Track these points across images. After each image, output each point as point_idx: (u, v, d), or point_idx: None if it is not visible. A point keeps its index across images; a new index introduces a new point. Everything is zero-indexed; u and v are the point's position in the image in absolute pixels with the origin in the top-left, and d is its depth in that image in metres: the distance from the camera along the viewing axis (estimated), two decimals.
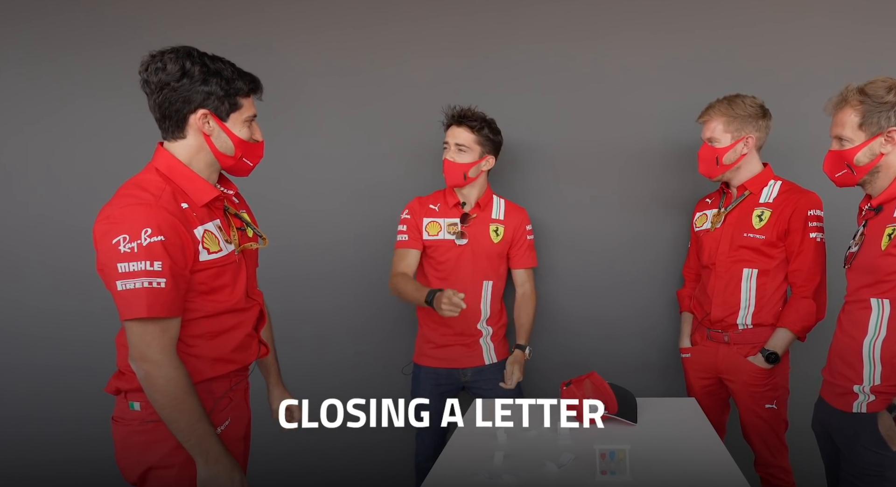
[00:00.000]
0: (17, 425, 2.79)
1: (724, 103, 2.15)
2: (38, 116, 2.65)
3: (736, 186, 2.24)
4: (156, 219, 1.38)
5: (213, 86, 1.45)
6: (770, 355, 2.12)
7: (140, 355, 1.39)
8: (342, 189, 2.65)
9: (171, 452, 1.45)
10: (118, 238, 1.35)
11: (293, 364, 2.68)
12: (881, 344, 1.67)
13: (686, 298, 2.44)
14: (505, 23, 2.56)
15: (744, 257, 2.18)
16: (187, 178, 1.49)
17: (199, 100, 1.45)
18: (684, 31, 2.52)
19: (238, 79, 1.50)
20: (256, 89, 1.56)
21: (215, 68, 1.46)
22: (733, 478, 1.51)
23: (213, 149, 1.51)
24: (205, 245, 1.47)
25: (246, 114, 1.53)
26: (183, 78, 1.43)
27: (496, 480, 1.54)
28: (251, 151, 1.58)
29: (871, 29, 2.47)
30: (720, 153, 2.15)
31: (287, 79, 2.59)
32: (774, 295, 2.18)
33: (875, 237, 1.69)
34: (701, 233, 2.32)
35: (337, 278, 2.68)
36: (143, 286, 1.35)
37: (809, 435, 1.95)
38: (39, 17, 2.61)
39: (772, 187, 2.20)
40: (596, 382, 1.92)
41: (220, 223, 1.54)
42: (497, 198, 2.41)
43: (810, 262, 2.13)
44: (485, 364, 2.35)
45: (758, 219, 2.18)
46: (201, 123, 1.48)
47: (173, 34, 2.58)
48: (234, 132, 1.51)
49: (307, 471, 2.74)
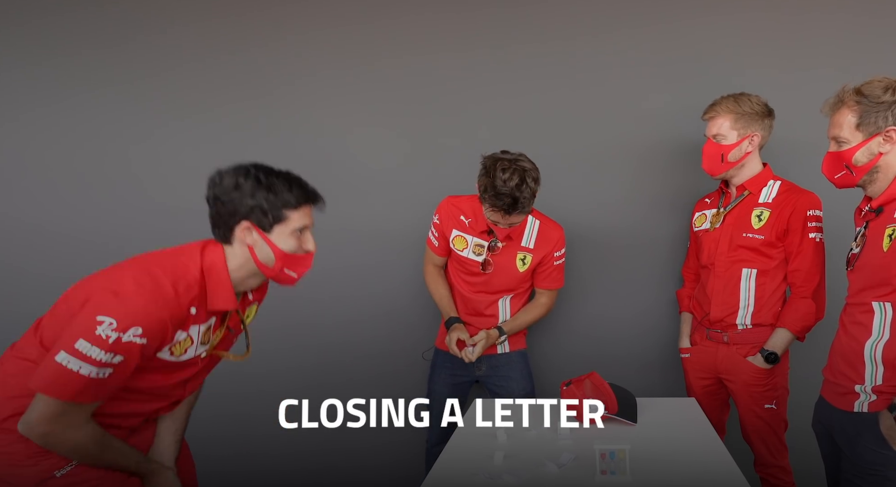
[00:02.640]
0: None
1: (731, 100, 2.14)
2: (37, 116, 2.64)
3: (736, 186, 2.24)
4: (155, 323, 1.35)
5: (260, 199, 1.46)
6: (769, 355, 2.13)
7: (43, 430, 1.35)
8: (343, 189, 2.64)
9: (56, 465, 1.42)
10: (105, 318, 1.31)
11: (294, 365, 2.70)
12: (883, 347, 1.67)
13: (685, 298, 2.44)
14: (505, 21, 2.56)
15: (743, 257, 2.18)
16: (219, 283, 1.49)
17: (244, 213, 1.46)
18: (685, 30, 2.52)
19: (288, 191, 1.49)
20: (309, 201, 1.55)
21: (267, 183, 1.47)
22: (733, 478, 1.51)
23: (255, 259, 1.51)
24: (172, 349, 1.45)
25: (293, 225, 1.51)
26: (234, 191, 1.45)
27: (496, 480, 1.54)
28: (293, 262, 1.56)
29: (872, 26, 2.47)
30: (726, 150, 2.15)
31: (287, 79, 2.60)
32: (774, 296, 2.18)
33: (876, 238, 1.69)
34: (700, 232, 2.32)
35: (339, 280, 2.67)
36: (87, 375, 1.30)
37: (809, 436, 1.94)
38: (40, 17, 2.61)
39: (771, 187, 2.20)
40: (596, 382, 1.92)
41: (213, 323, 1.53)
42: (532, 218, 2.29)
43: (809, 262, 2.13)
44: (497, 352, 2.35)
45: (757, 219, 2.18)
46: (244, 235, 1.48)
47: (173, 34, 2.61)
48: (277, 244, 1.50)
49: (310, 472, 2.74)
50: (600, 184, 2.60)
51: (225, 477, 2.60)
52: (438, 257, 2.37)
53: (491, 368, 2.36)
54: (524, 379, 2.35)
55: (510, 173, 2.00)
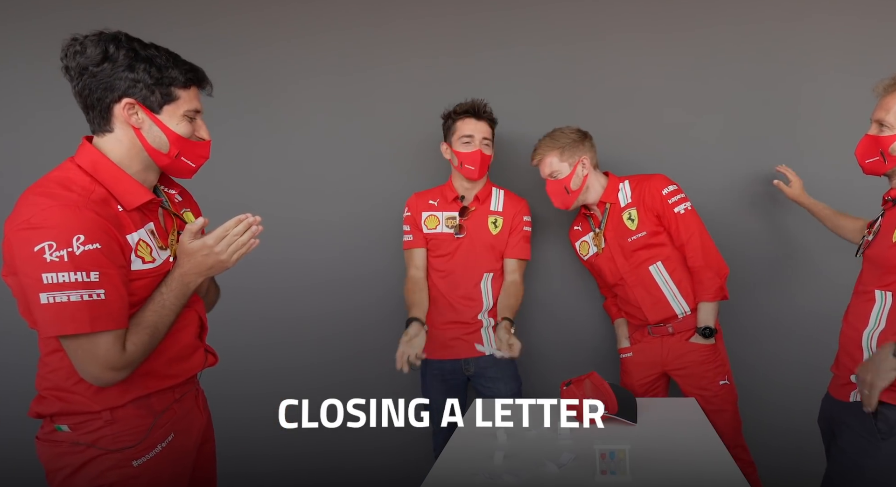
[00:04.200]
0: (18, 425, 2.78)
1: (547, 140, 2.27)
2: (36, 117, 2.65)
3: (595, 205, 2.32)
4: (88, 223, 1.23)
5: (141, 73, 1.30)
6: (704, 330, 2.19)
7: (95, 373, 1.28)
8: (342, 190, 2.65)
9: (105, 472, 1.36)
10: (42, 245, 1.19)
11: (296, 365, 2.70)
12: (878, 337, 1.67)
13: (613, 307, 2.48)
14: (505, 20, 2.56)
15: (642, 258, 2.25)
16: (116, 178, 1.34)
17: (124, 88, 1.30)
18: (687, 29, 2.52)
19: (173, 67, 1.34)
20: (198, 81, 1.39)
21: (146, 54, 1.31)
22: (733, 478, 1.51)
23: (146, 144, 1.36)
24: (138, 253, 1.34)
25: (185, 107, 1.37)
26: (104, 62, 1.29)
27: (496, 480, 1.54)
28: (191, 150, 1.41)
29: (875, 25, 2.47)
30: (566, 182, 2.26)
31: (287, 78, 2.60)
32: (688, 274, 2.24)
33: (888, 229, 1.69)
34: (591, 259, 2.38)
35: (339, 280, 2.68)
36: (79, 299, 1.22)
37: (808, 434, 1.94)
38: (40, 17, 2.61)
39: (624, 189, 2.29)
40: (596, 382, 1.92)
41: (153, 227, 1.41)
42: (496, 189, 2.43)
43: (687, 233, 2.21)
44: (485, 354, 2.35)
45: (630, 222, 2.26)
46: (127, 114, 1.33)
47: (173, 34, 2.60)
48: (169, 126, 1.36)
49: (310, 471, 2.74)
50: None
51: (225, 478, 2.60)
52: (418, 253, 2.37)
53: (478, 369, 2.36)
54: (511, 381, 2.36)
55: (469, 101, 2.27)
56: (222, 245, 1.40)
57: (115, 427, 1.37)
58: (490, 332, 2.35)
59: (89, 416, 1.36)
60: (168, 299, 1.38)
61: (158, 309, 1.37)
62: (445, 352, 2.37)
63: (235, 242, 1.40)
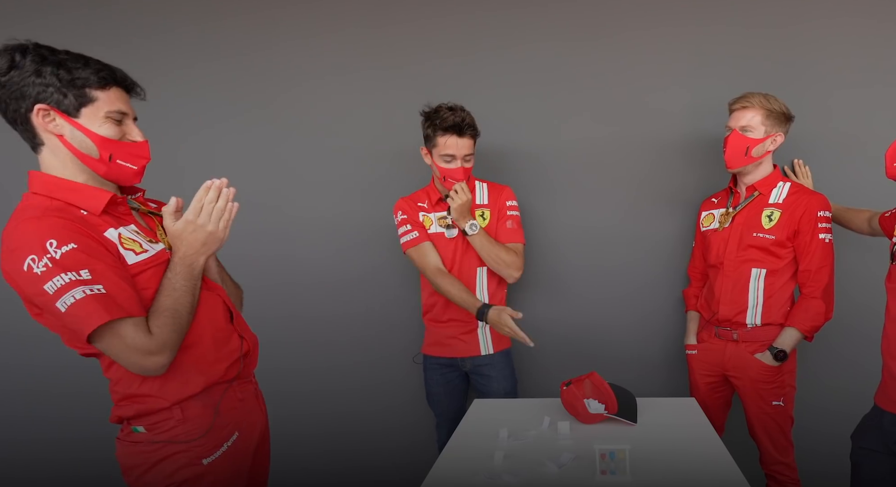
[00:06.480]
0: (17, 425, 2.79)
1: (762, 97, 2.13)
2: None
3: (746, 186, 2.25)
4: (54, 228, 1.24)
5: (49, 77, 1.27)
6: (778, 353, 2.13)
7: (135, 360, 1.30)
8: (343, 190, 2.65)
9: (180, 469, 1.41)
10: (27, 262, 1.21)
11: (296, 366, 2.70)
12: None
13: (692, 297, 2.44)
14: (505, 20, 2.56)
15: (752, 257, 2.19)
16: (69, 189, 1.33)
17: (34, 94, 1.27)
18: (691, 27, 2.52)
19: (84, 68, 1.30)
20: (116, 81, 1.34)
21: (54, 59, 1.28)
22: (733, 478, 1.51)
23: (73, 149, 1.32)
24: (126, 247, 1.34)
25: (105, 108, 1.32)
26: (11, 71, 1.26)
27: (496, 480, 1.54)
28: (125, 150, 1.36)
29: (879, 26, 2.47)
30: (752, 144, 2.14)
31: (286, 78, 2.59)
32: (782, 295, 2.19)
33: None
34: (708, 232, 2.32)
35: (339, 278, 2.68)
36: (85, 295, 1.22)
37: (815, 435, 1.93)
38: (41, 16, 2.61)
39: (781, 188, 2.21)
40: (596, 382, 1.92)
41: (135, 227, 1.41)
42: (479, 183, 2.38)
43: (819, 262, 2.13)
44: (481, 354, 2.35)
45: (767, 220, 2.18)
46: (44, 121, 1.30)
47: (173, 34, 2.61)
48: (91, 128, 1.31)
49: (310, 471, 2.74)
50: (604, 182, 2.60)
51: None
52: (428, 246, 2.31)
53: (474, 367, 2.36)
54: (505, 380, 2.35)
55: (449, 106, 2.18)
56: (203, 216, 1.42)
57: (186, 425, 1.42)
58: (487, 333, 2.35)
59: (162, 415, 1.41)
60: (177, 281, 1.39)
61: (171, 293, 1.38)
62: (442, 350, 2.37)
63: (214, 210, 1.43)
